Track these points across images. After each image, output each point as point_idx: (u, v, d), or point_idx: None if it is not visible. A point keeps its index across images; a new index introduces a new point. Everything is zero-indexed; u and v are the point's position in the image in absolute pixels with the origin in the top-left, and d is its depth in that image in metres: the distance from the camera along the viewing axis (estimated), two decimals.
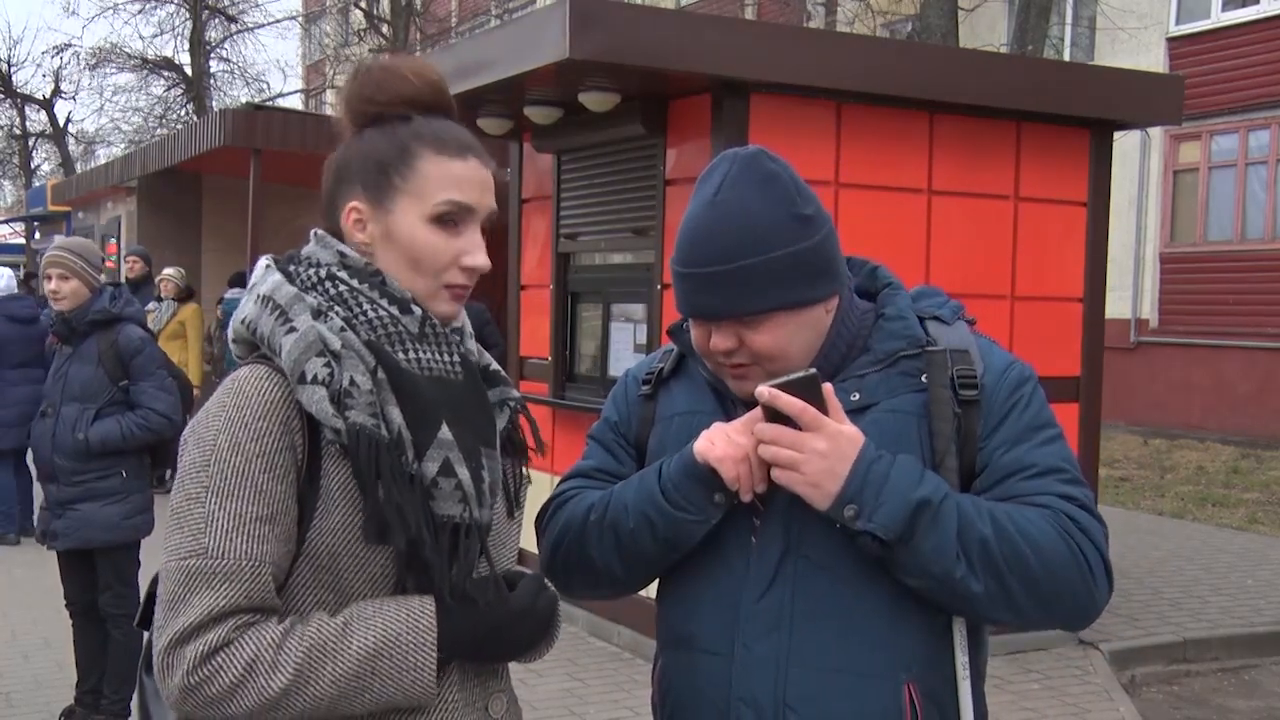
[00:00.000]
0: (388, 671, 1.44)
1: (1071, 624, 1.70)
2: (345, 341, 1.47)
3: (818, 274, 1.65)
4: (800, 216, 1.64)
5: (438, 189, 1.54)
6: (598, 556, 1.76)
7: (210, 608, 1.40)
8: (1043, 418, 1.69)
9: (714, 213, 1.64)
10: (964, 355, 1.69)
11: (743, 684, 1.65)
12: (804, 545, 1.65)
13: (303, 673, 1.41)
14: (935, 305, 1.77)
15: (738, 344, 1.65)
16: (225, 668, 1.39)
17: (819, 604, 1.64)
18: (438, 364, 1.53)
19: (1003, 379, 1.69)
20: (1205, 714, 5.58)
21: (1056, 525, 1.60)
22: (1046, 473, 1.65)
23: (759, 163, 1.66)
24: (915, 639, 1.65)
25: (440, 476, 1.48)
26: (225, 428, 1.44)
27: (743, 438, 1.62)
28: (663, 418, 1.83)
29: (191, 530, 1.42)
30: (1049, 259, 6.26)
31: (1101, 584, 1.62)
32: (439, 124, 1.57)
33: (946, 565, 1.56)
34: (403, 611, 1.46)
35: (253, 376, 1.47)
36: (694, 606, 1.73)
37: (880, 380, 1.69)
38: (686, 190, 5.74)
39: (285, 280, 1.52)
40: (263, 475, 1.43)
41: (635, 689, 5.50)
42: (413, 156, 1.54)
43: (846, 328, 1.72)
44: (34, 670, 5.70)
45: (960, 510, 1.58)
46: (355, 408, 1.44)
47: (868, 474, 1.57)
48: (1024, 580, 1.57)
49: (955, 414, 1.65)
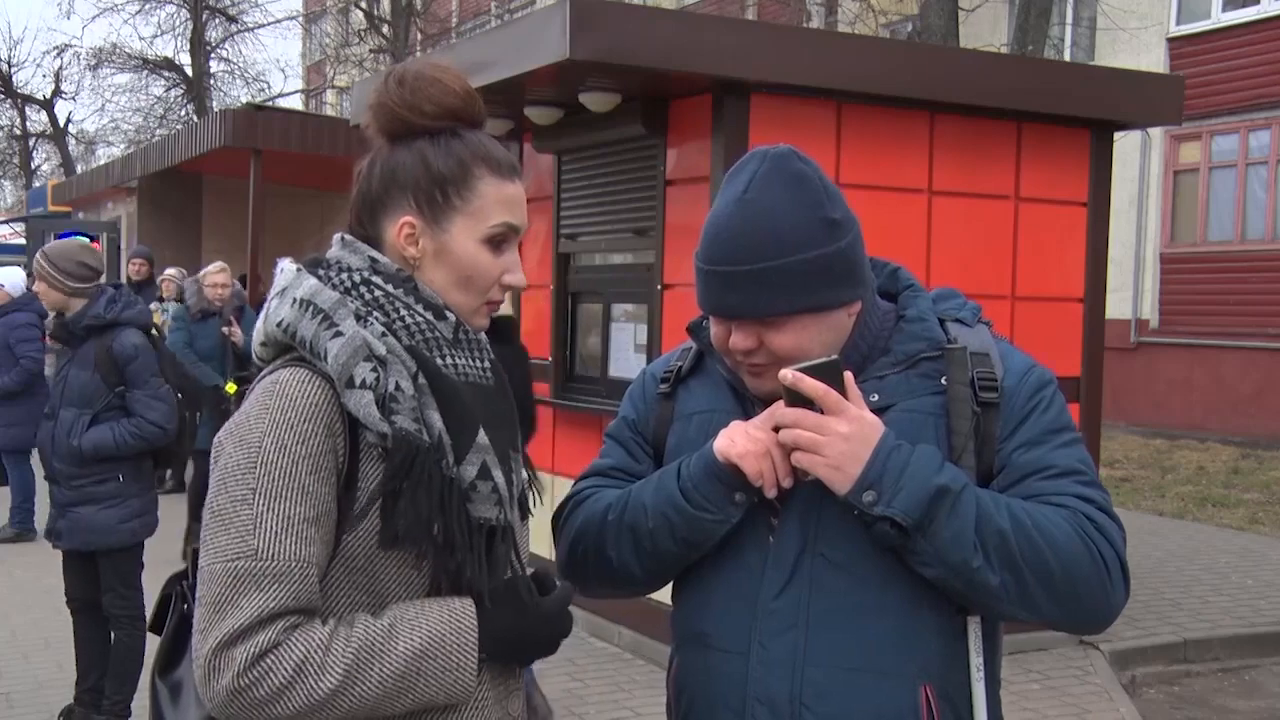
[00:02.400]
0: (432, 672, 1.46)
1: (1088, 624, 1.68)
2: (389, 346, 1.48)
3: (842, 278, 1.64)
4: (827, 220, 1.62)
5: (494, 211, 1.57)
6: (615, 557, 1.75)
7: (260, 610, 1.40)
8: (1062, 421, 1.69)
9: (741, 211, 1.62)
10: (984, 358, 1.69)
11: (758, 683, 1.65)
12: (821, 543, 1.64)
13: (351, 674, 1.42)
14: (956, 307, 1.77)
15: (757, 344, 1.64)
16: (275, 669, 1.40)
17: (836, 603, 1.63)
18: (472, 369, 1.56)
19: (1023, 382, 1.69)
20: (1205, 714, 5.58)
21: (1074, 525, 1.59)
22: (1065, 474, 1.64)
23: (789, 162, 1.64)
24: (932, 640, 1.64)
25: (479, 480, 1.50)
26: (271, 430, 1.44)
27: (763, 433, 1.61)
28: (681, 416, 1.82)
29: (239, 532, 1.42)
30: (1049, 259, 6.25)
31: (1119, 586, 1.61)
32: (489, 141, 1.59)
33: (964, 555, 1.55)
34: (445, 613, 1.48)
35: (295, 380, 1.47)
36: (710, 604, 1.72)
37: (899, 381, 1.68)
38: (687, 190, 5.76)
39: (322, 284, 1.52)
40: (309, 477, 1.44)
41: (635, 689, 5.50)
42: (473, 178, 1.56)
43: (869, 329, 1.71)
44: (34, 670, 5.70)
45: (979, 502, 1.57)
46: (400, 413, 1.46)
47: (889, 459, 1.56)
48: (1041, 576, 1.56)
49: (974, 413, 1.65)
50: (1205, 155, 15.62)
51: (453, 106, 1.57)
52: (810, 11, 19.48)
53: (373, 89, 1.61)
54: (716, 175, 5.47)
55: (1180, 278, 15.77)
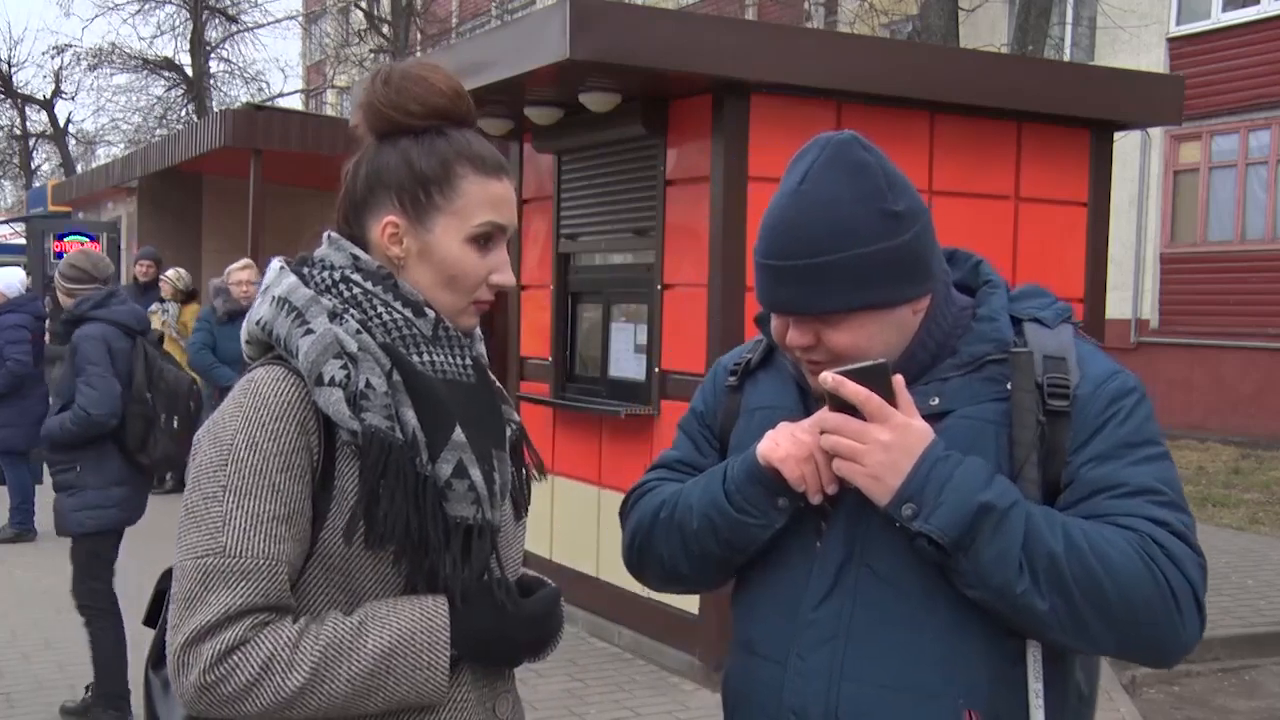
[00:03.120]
0: (402, 670, 1.45)
1: (1152, 659, 1.55)
2: (361, 344, 1.48)
3: (905, 274, 1.54)
4: (889, 212, 1.53)
5: (478, 210, 1.55)
6: (665, 555, 1.71)
7: (228, 606, 1.40)
8: (1143, 434, 1.54)
9: (797, 202, 1.54)
10: (1060, 362, 1.56)
11: (794, 694, 1.59)
12: (867, 554, 1.56)
13: (319, 671, 1.42)
14: (1038, 306, 1.64)
15: (815, 341, 1.56)
16: (241, 666, 1.40)
17: (879, 617, 1.55)
18: (451, 366, 1.54)
19: (1100, 390, 1.55)
20: (1205, 714, 5.58)
21: (1140, 549, 1.46)
22: (1138, 493, 1.50)
23: (849, 150, 1.56)
24: (981, 663, 1.53)
25: (454, 478, 1.49)
26: (243, 428, 1.45)
27: (809, 436, 1.54)
28: (746, 410, 1.75)
29: (209, 529, 1.43)
30: (1049, 259, 6.25)
31: (1190, 618, 1.48)
32: (474, 140, 1.57)
33: (1007, 577, 1.45)
34: (417, 611, 1.47)
35: (269, 378, 1.48)
36: (755, 610, 1.68)
37: (963, 385, 1.58)
38: (687, 190, 5.75)
39: (300, 282, 1.53)
40: (280, 475, 1.44)
41: (635, 689, 5.50)
42: (456, 176, 1.54)
43: (938, 327, 1.61)
44: (34, 670, 5.70)
45: (1029, 520, 1.46)
46: (371, 410, 1.45)
47: (931, 471, 1.47)
48: (1096, 604, 1.45)
49: (1039, 423, 1.53)
50: (1205, 155, 15.62)
51: (439, 106, 1.56)
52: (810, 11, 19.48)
53: (362, 88, 1.60)
54: (716, 175, 5.47)
55: (1180, 278, 15.77)
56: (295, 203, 12.80)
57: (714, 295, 5.47)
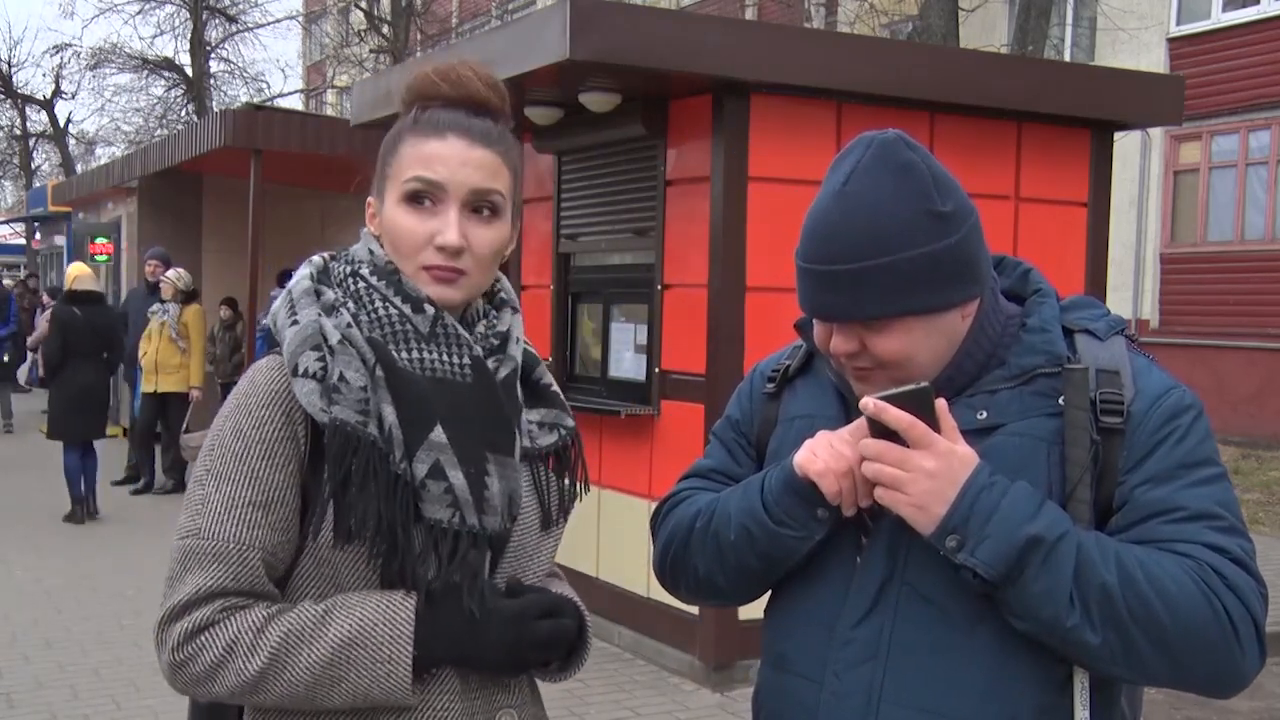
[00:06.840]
0: (362, 662, 1.42)
1: (1210, 691, 1.49)
2: (347, 337, 1.47)
3: (953, 278, 1.47)
4: (936, 214, 1.46)
5: (408, 168, 1.52)
6: (701, 566, 1.66)
7: (198, 587, 1.43)
8: (1200, 454, 1.47)
9: (841, 204, 1.47)
10: (1113, 377, 1.49)
11: (830, 714, 1.53)
12: (909, 572, 1.50)
13: (278, 657, 1.41)
14: (1090, 318, 1.57)
15: (860, 347, 1.50)
16: (207, 647, 1.42)
17: (919, 638, 1.48)
18: (443, 365, 1.50)
19: (1155, 407, 1.48)
20: (1205, 714, 5.58)
21: (1198, 578, 1.40)
22: (1196, 517, 1.44)
23: (894, 150, 1.48)
24: (1026, 688, 1.47)
25: (429, 479, 1.45)
26: (233, 414, 1.48)
27: (848, 449, 1.48)
28: (784, 419, 1.69)
29: (191, 511, 1.46)
30: (1050, 259, 6.25)
31: (1251, 649, 1.42)
32: (442, 111, 1.53)
33: (1056, 611, 1.39)
34: (383, 604, 1.44)
35: (265, 366, 1.50)
36: (790, 625, 1.62)
37: (1012, 398, 1.51)
38: (687, 191, 5.76)
39: (308, 275, 1.55)
40: (260, 462, 1.45)
41: (635, 689, 5.50)
42: (399, 142, 1.54)
43: (986, 336, 1.54)
44: (34, 670, 5.70)
45: (1081, 551, 1.40)
46: (341, 403, 1.44)
47: (976, 501, 1.41)
48: (1151, 637, 1.39)
49: (1093, 441, 1.46)
50: (1205, 155, 15.62)
51: (478, 96, 1.55)
52: (810, 11, 19.48)
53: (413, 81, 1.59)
54: (716, 175, 5.47)
55: (1180, 278, 15.78)
56: (295, 203, 12.79)
57: (714, 295, 5.48)
